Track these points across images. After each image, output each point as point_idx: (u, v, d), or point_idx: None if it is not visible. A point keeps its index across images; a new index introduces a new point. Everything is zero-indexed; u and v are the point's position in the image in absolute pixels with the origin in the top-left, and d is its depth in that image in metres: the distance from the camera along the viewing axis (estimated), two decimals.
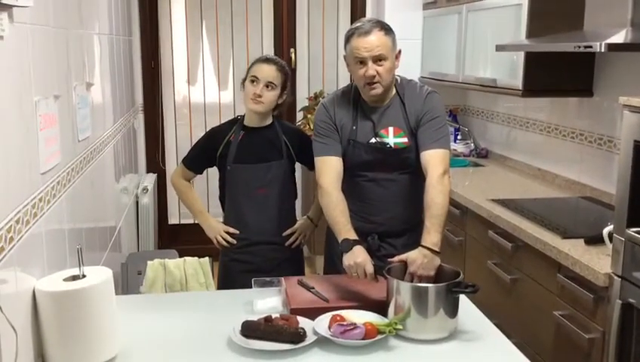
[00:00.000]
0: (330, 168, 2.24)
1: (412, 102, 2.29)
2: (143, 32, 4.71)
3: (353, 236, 2.09)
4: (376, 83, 2.21)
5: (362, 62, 2.19)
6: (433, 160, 2.18)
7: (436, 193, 2.09)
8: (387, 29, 2.20)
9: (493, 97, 4.16)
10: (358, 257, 2.02)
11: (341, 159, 2.27)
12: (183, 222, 5.03)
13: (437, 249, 2.00)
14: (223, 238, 2.58)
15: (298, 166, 2.68)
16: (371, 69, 2.18)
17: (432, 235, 2.01)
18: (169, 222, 5.04)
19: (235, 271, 2.57)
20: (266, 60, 2.54)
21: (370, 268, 2.00)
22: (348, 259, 2.04)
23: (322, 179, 2.23)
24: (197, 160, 2.67)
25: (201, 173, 2.73)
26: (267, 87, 2.49)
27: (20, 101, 1.63)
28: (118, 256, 3.28)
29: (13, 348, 1.42)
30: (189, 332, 1.89)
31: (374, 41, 2.16)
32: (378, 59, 2.18)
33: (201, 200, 2.78)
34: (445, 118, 2.33)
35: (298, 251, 2.69)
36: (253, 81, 2.50)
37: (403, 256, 2.00)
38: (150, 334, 1.89)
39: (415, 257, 1.98)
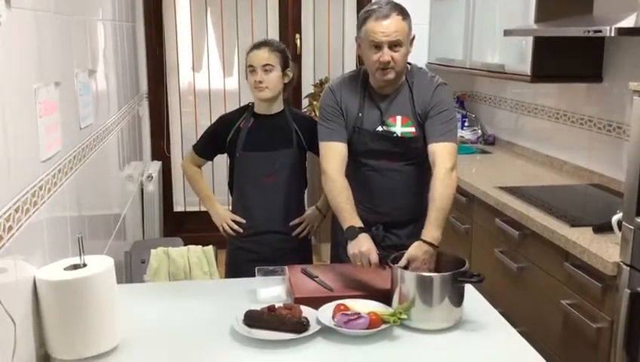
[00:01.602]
0: (334, 154, 2.21)
1: (420, 91, 2.24)
2: (147, 18, 4.67)
3: (358, 223, 2.06)
4: (389, 68, 2.15)
5: (377, 46, 2.13)
6: (441, 153, 2.14)
7: (443, 187, 2.06)
8: (405, 13, 2.14)
9: (501, 83, 4.11)
10: (362, 246, 1.99)
11: (346, 145, 2.24)
12: (188, 209, 5.03)
13: (437, 244, 1.97)
14: (229, 226, 2.56)
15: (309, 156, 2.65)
16: (387, 54, 2.12)
17: (433, 230, 1.98)
18: (174, 210, 5.03)
19: (241, 260, 2.55)
20: (257, 46, 2.51)
21: (374, 257, 1.97)
22: (352, 248, 2.01)
23: (326, 164, 2.20)
24: (207, 146, 2.66)
25: (211, 160, 2.72)
26: (265, 71, 2.46)
27: (18, 88, 1.61)
28: (122, 243, 3.27)
29: (11, 339, 1.41)
30: (192, 322, 1.88)
31: (392, 25, 2.10)
32: (394, 45, 2.12)
33: (209, 187, 2.77)
34: (454, 111, 2.28)
35: (306, 241, 2.66)
36: (252, 71, 2.48)
37: (406, 257, 1.96)
38: (153, 323, 1.88)
39: (416, 254, 1.94)
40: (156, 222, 4.33)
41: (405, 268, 1.92)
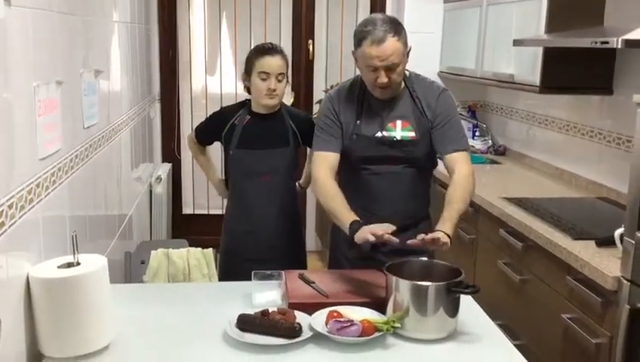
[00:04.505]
0: (325, 162, 2.22)
1: (425, 97, 2.25)
2: (161, 20, 4.69)
3: (358, 218, 2.05)
4: (387, 88, 2.17)
5: (375, 69, 2.13)
6: (460, 161, 2.20)
7: (462, 190, 2.12)
8: (399, 32, 2.11)
9: (513, 94, 4.08)
10: (369, 226, 1.98)
11: (338, 155, 2.25)
12: (197, 212, 5.04)
13: (450, 236, 1.99)
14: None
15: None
16: (383, 77, 2.13)
17: (447, 225, 2.01)
18: (183, 212, 5.04)
19: (235, 259, 2.58)
20: (270, 52, 2.51)
21: (384, 228, 1.95)
22: (362, 233, 1.97)
23: (317, 171, 2.21)
24: (205, 133, 2.75)
25: (209, 144, 2.82)
26: (279, 80, 2.48)
27: (16, 85, 1.62)
28: (128, 244, 3.28)
29: None
30: (186, 324, 1.88)
31: (388, 49, 2.08)
32: (390, 67, 2.12)
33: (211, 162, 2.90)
34: (459, 115, 2.32)
35: (301, 239, 2.70)
36: (264, 79, 2.47)
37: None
38: (146, 324, 1.88)
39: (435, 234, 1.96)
40: (164, 223, 4.34)
41: (404, 271, 1.90)
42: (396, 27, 2.12)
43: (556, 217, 2.70)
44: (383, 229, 1.94)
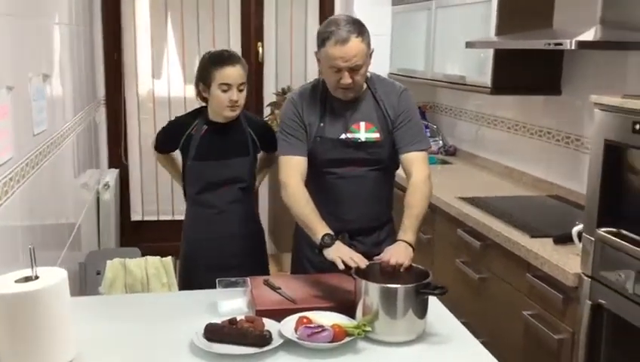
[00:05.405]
0: (294, 167, 2.19)
1: (387, 97, 2.25)
2: (105, 22, 4.56)
3: (331, 231, 2.04)
4: (350, 89, 2.16)
5: (338, 70, 2.11)
6: (417, 162, 2.20)
7: (421, 195, 2.14)
8: (363, 33, 2.10)
9: (462, 95, 4.15)
10: (343, 248, 2.00)
11: (306, 158, 2.22)
12: (146, 218, 4.91)
13: (413, 246, 2.02)
14: None
15: None
16: (347, 78, 2.11)
17: (408, 234, 2.04)
18: (132, 219, 4.91)
19: (196, 266, 2.52)
20: (230, 62, 2.42)
21: (359, 255, 1.96)
22: (334, 252, 1.97)
23: (287, 178, 2.17)
24: (162, 142, 2.67)
25: (169, 152, 2.72)
26: (240, 90, 2.42)
27: None
28: (77, 254, 3.17)
29: None
30: (150, 336, 1.82)
31: (352, 50, 2.06)
32: (354, 68, 2.11)
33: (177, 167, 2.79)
34: (419, 116, 2.33)
35: (262, 245, 2.67)
36: (225, 90, 2.40)
37: (386, 252, 1.98)
38: (108, 338, 1.80)
39: (389, 248, 2.00)
40: (112, 231, 4.22)
41: (372, 274, 1.90)
42: (360, 28, 2.10)
43: (511, 216, 2.74)
44: (356, 262, 1.92)
